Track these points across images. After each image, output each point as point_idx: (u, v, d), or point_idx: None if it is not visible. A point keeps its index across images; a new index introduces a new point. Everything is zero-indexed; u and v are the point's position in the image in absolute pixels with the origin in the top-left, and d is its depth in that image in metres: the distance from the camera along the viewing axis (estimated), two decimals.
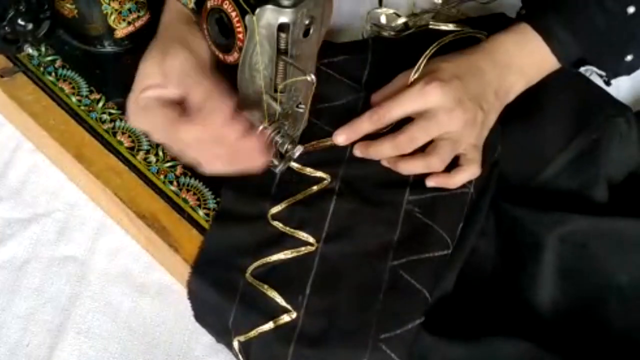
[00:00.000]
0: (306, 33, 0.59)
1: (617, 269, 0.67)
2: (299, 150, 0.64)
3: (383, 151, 0.67)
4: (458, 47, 0.70)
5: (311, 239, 0.66)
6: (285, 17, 0.56)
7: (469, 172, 0.67)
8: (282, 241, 0.66)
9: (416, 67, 0.68)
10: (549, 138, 0.71)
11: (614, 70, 0.70)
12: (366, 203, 0.67)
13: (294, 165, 0.70)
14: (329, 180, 0.69)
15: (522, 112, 0.70)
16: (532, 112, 0.71)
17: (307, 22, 0.58)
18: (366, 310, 0.62)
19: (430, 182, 0.67)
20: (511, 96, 0.69)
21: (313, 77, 0.58)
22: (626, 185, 0.72)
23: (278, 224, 0.67)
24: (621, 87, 0.81)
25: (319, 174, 0.69)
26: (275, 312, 0.62)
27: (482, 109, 0.66)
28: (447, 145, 0.65)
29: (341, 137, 0.68)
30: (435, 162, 0.66)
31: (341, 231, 0.66)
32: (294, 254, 0.65)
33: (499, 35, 0.69)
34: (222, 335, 0.65)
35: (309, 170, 0.70)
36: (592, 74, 0.72)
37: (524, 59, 0.68)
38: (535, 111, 0.71)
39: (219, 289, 0.64)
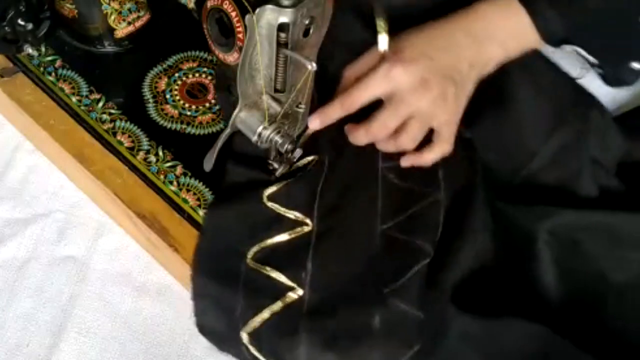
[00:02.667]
0: (306, 33, 0.59)
1: (610, 263, 0.67)
2: (298, 153, 0.64)
3: (358, 139, 0.68)
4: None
5: (307, 219, 0.66)
6: (285, 17, 0.56)
7: (440, 150, 0.68)
8: (277, 223, 0.66)
9: (379, 45, 0.67)
10: (529, 132, 0.71)
11: (615, 73, 0.70)
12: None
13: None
14: (316, 159, 0.69)
15: (498, 108, 0.71)
16: (509, 107, 0.72)
17: (307, 22, 0.58)
18: (366, 272, 0.63)
19: (404, 162, 0.69)
20: (490, 67, 0.68)
21: (314, 64, 0.58)
22: (617, 176, 0.72)
23: (274, 205, 0.67)
24: None
25: (309, 158, 0.70)
26: (280, 292, 0.62)
27: (454, 82, 0.66)
28: (415, 123, 0.66)
29: (315, 123, 0.68)
30: (405, 141, 0.66)
31: (332, 205, 0.67)
32: (292, 235, 0.65)
33: (482, 4, 0.68)
34: (229, 333, 0.64)
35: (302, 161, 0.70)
36: (588, 72, 0.72)
37: (506, 30, 0.67)
38: (512, 105, 0.72)
39: (221, 280, 0.64)
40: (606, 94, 0.80)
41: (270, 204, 0.67)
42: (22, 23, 0.74)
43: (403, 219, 0.66)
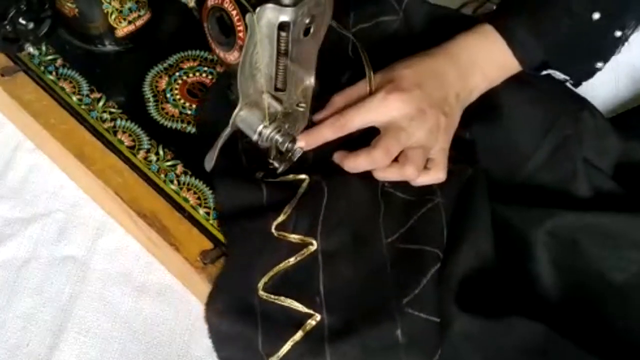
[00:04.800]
0: (307, 32, 0.59)
1: (609, 263, 0.67)
2: (299, 152, 0.64)
3: (359, 166, 0.66)
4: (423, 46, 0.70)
5: (311, 239, 0.65)
6: (285, 16, 0.56)
7: (434, 176, 0.67)
8: (282, 248, 0.65)
9: (367, 78, 0.68)
10: (522, 135, 0.71)
11: (579, 77, 0.71)
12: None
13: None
14: (309, 179, 0.69)
15: (490, 112, 0.71)
16: (501, 111, 0.72)
17: (307, 21, 0.58)
18: (380, 287, 0.63)
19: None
20: (474, 97, 0.70)
21: (312, 80, 0.58)
22: (615, 177, 0.72)
23: (281, 234, 0.66)
24: (621, 85, 0.81)
25: (301, 176, 0.69)
26: (299, 320, 0.62)
27: (445, 113, 0.67)
28: (418, 153, 0.66)
29: (301, 143, 0.67)
30: (410, 171, 0.66)
31: (335, 223, 0.66)
32: (298, 258, 0.65)
33: (461, 36, 0.69)
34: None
35: (291, 177, 0.69)
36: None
37: (487, 60, 0.68)
38: (504, 109, 0.72)
39: (237, 318, 0.62)
40: (606, 93, 0.80)
41: (277, 233, 0.66)
42: (23, 22, 0.74)
43: (405, 230, 0.66)
